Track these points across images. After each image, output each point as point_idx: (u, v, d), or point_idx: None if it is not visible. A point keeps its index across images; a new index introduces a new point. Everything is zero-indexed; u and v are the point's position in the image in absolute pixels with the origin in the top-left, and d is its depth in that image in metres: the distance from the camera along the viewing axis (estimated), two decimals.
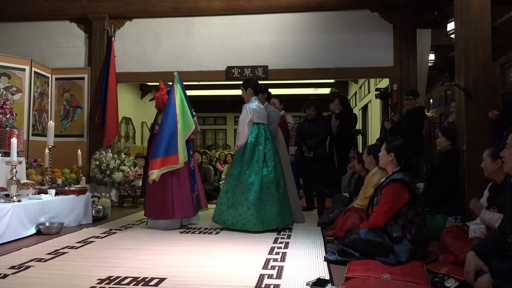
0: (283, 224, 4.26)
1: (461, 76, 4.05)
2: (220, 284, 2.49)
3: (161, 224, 4.34)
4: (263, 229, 4.15)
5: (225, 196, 4.34)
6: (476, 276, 2.21)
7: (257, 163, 4.29)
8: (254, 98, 4.56)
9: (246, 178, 4.24)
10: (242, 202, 4.20)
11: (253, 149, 4.34)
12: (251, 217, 4.14)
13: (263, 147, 4.36)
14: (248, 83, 4.61)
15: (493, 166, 2.92)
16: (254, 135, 4.38)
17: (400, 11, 6.37)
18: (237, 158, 4.43)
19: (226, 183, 4.43)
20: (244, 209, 4.18)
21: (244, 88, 4.60)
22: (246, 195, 4.18)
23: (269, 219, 4.19)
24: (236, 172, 4.34)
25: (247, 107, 4.45)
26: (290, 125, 5.74)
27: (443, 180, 4.14)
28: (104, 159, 6.26)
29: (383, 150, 3.24)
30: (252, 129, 4.40)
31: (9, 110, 4.70)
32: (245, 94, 4.60)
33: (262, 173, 4.26)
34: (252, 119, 4.40)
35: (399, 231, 2.96)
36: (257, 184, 4.21)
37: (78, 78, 6.86)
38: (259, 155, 4.32)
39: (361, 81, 10.36)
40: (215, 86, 11.06)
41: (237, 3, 6.59)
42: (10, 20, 6.99)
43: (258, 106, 4.50)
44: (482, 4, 3.97)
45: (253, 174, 4.25)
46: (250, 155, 4.32)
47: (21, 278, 2.63)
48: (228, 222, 4.27)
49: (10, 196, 3.91)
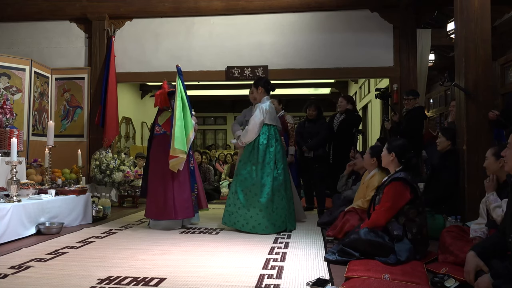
0: (291, 226, 4.25)
1: (461, 76, 4.05)
2: (220, 284, 2.49)
3: (162, 224, 4.33)
4: (274, 231, 4.10)
5: (235, 197, 4.25)
6: (476, 276, 2.21)
7: (268, 165, 4.22)
8: (266, 98, 4.44)
9: (258, 179, 4.17)
10: (254, 204, 4.13)
11: (265, 151, 4.26)
12: (262, 220, 4.08)
13: (274, 149, 4.30)
14: (259, 82, 4.49)
15: (496, 165, 2.92)
16: (265, 137, 4.29)
17: (400, 11, 6.37)
18: (245, 158, 4.32)
19: (234, 183, 4.33)
20: (255, 211, 4.11)
21: (256, 88, 4.48)
22: (259, 197, 4.12)
23: (279, 222, 4.17)
24: (246, 172, 4.25)
25: (261, 107, 4.32)
26: (289, 125, 5.74)
27: (443, 180, 4.14)
28: (104, 159, 6.26)
29: (384, 150, 3.26)
30: (263, 130, 4.30)
31: (9, 110, 4.69)
32: (257, 93, 4.47)
33: (273, 175, 4.21)
34: (265, 120, 4.31)
35: (400, 229, 2.96)
36: (268, 186, 4.15)
37: (78, 78, 6.86)
38: (270, 157, 4.25)
39: (361, 81, 10.36)
40: (215, 86, 11.06)
41: (237, 3, 6.59)
42: (10, 20, 6.99)
43: (270, 107, 4.41)
44: (482, 4, 3.97)
45: (265, 176, 4.18)
46: (262, 156, 4.23)
47: (21, 278, 2.63)
48: (238, 224, 4.19)
49: (10, 196, 3.90)
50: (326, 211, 5.01)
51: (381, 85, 7.89)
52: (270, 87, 4.51)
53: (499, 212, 2.69)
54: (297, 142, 5.77)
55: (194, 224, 4.56)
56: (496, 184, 2.90)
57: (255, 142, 4.30)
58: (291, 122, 5.80)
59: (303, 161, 5.68)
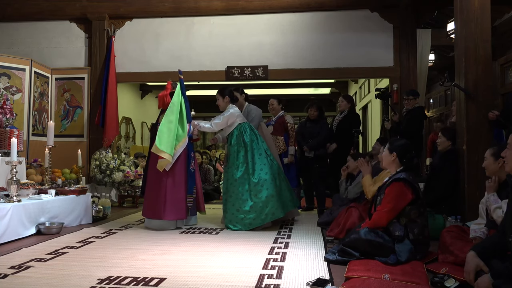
0: (295, 205, 4.62)
1: (461, 76, 4.05)
2: (220, 284, 2.49)
3: (155, 224, 4.32)
4: (286, 211, 4.40)
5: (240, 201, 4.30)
6: (476, 276, 2.21)
7: (261, 156, 4.43)
8: (231, 105, 4.64)
9: (258, 171, 4.34)
10: (264, 195, 4.25)
11: (252, 145, 4.44)
12: (277, 203, 4.26)
13: (259, 140, 4.53)
14: (224, 91, 4.66)
15: (495, 165, 2.92)
16: (248, 134, 4.50)
17: (400, 11, 6.37)
18: (235, 163, 4.43)
19: (233, 188, 4.38)
20: (269, 199, 4.25)
21: (222, 96, 4.65)
22: (266, 186, 4.28)
23: (287, 201, 4.42)
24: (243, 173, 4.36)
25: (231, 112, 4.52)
26: (289, 125, 5.74)
27: (443, 180, 4.13)
28: (104, 159, 6.26)
29: (386, 149, 3.25)
30: (243, 128, 4.52)
31: (9, 110, 4.69)
32: (222, 102, 4.65)
33: (269, 162, 4.42)
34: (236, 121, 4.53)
35: (401, 230, 2.96)
36: (269, 173, 4.35)
37: (78, 78, 6.86)
38: (258, 147, 4.46)
39: (361, 81, 10.35)
40: (215, 86, 11.02)
41: (237, 3, 6.59)
42: (10, 20, 6.99)
43: (236, 111, 4.61)
44: (482, 4, 3.97)
45: (263, 165, 4.38)
46: (251, 151, 4.42)
47: (21, 278, 2.63)
48: (256, 222, 4.24)
49: (10, 196, 3.90)
50: (326, 211, 5.01)
51: (381, 85, 7.89)
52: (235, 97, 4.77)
53: (500, 213, 2.69)
54: (298, 142, 5.77)
55: (191, 226, 4.50)
56: (498, 185, 2.90)
57: (239, 142, 4.48)
58: (290, 122, 5.80)
59: (304, 161, 5.68)
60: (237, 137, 4.50)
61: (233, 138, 4.52)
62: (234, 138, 4.51)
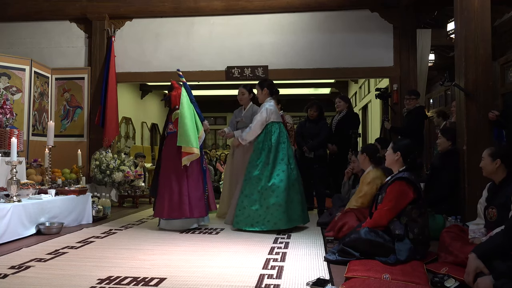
0: (304, 221, 4.38)
1: (461, 76, 4.05)
2: (220, 284, 2.49)
3: (175, 224, 4.25)
4: (291, 226, 4.20)
5: (249, 199, 4.25)
6: (476, 277, 2.21)
7: (282, 161, 4.32)
8: (270, 98, 4.59)
9: (274, 176, 4.24)
10: (272, 201, 4.16)
11: (277, 148, 4.36)
12: (283, 215, 4.13)
13: (286, 145, 4.42)
14: (264, 83, 4.65)
15: (492, 165, 2.92)
16: (276, 135, 4.41)
17: (400, 11, 6.37)
18: (255, 158, 4.37)
19: (247, 185, 4.32)
20: (275, 207, 4.14)
21: (260, 88, 4.63)
22: (277, 193, 4.17)
23: (295, 216, 4.25)
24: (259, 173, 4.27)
25: (266, 108, 4.47)
26: (289, 125, 5.72)
27: (443, 180, 4.14)
28: (104, 159, 6.26)
29: (390, 149, 3.25)
30: (274, 128, 4.44)
31: (9, 110, 4.69)
32: (261, 94, 4.63)
33: (288, 171, 4.30)
34: (269, 119, 4.44)
35: (401, 229, 2.97)
36: (285, 181, 4.22)
37: (78, 78, 6.86)
38: (283, 153, 4.36)
39: (361, 81, 10.36)
40: (215, 86, 11.05)
41: (237, 3, 6.59)
42: (10, 20, 6.98)
43: (274, 107, 4.55)
44: (482, 4, 3.97)
45: (281, 172, 4.26)
46: (274, 154, 4.33)
47: (21, 278, 2.63)
48: (258, 224, 4.18)
49: (10, 196, 3.91)
50: (326, 211, 5.01)
51: (381, 85, 7.89)
52: (275, 90, 4.69)
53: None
54: (298, 142, 5.76)
55: (204, 225, 4.49)
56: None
57: (266, 141, 4.39)
58: (290, 122, 5.79)
59: (303, 161, 5.67)
60: (265, 135, 4.43)
61: (261, 135, 4.45)
62: (262, 135, 4.44)
